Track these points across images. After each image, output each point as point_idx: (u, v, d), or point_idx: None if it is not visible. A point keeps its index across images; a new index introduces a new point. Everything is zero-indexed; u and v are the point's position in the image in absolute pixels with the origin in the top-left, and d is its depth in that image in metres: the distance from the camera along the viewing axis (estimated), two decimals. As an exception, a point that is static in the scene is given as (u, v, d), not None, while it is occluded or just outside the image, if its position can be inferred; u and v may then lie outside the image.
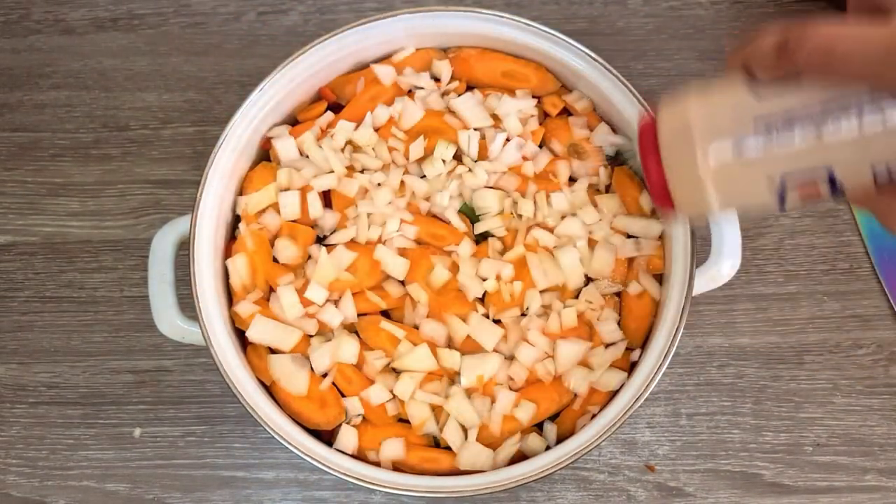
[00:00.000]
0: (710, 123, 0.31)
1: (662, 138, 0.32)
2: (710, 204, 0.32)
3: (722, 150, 0.30)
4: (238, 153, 0.56)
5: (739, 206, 0.34)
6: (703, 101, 0.31)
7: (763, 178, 0.30)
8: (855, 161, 0.29)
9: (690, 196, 0.32)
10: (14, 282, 0.67)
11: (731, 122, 0.30)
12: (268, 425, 0.50)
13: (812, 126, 0.28)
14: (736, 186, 0.31)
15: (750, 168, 0.30)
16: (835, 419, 0.61)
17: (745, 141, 0.30)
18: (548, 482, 0.60)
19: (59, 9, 0.74)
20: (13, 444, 0.63)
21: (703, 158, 0.30)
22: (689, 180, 0.31)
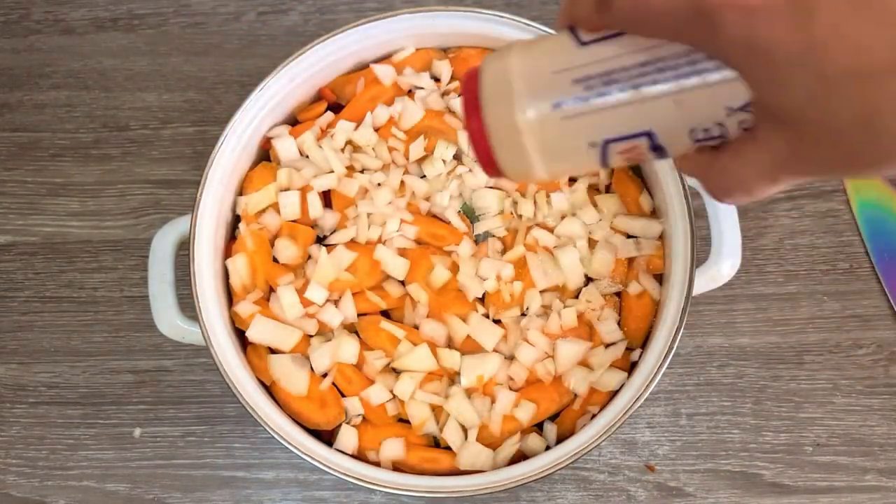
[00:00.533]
0: (531, 81, 0.29)
1: (483, 94, 0.30)
2: (532, 165, 0.30)
3: (541, 109, 0.28)
4: (238, 153, 0.56)
5: (564, 169, 0.32)
6: (527, 56, 0.29)
7: (584, 140, 0.29)
8: (673, 124, 0.27)
9: (512, 157, 0.30)
10: (14, 282, 0.67)
11: (553, 80, 0.28)
12: (268, 425, 0.50)
13: (631, 87, 0.27)
14: (557, 148, 0.29)
15: (570, 130, 0.28)
16: (835, 419, 0.61)
17: (564, 101, 0.28)
18: (548, 482, 0.60)
19: (59, 9, 0.74)
20: (13, 444, 0.63)
21: (522, 117, 0.28)
22: (510, 140, 0.29)
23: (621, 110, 0.27)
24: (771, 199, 0.66)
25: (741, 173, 0.26)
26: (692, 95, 0.27)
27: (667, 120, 0.27)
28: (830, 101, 0.21)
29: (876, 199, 0.66)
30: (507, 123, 0.29)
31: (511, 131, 0.29)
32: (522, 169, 0.30)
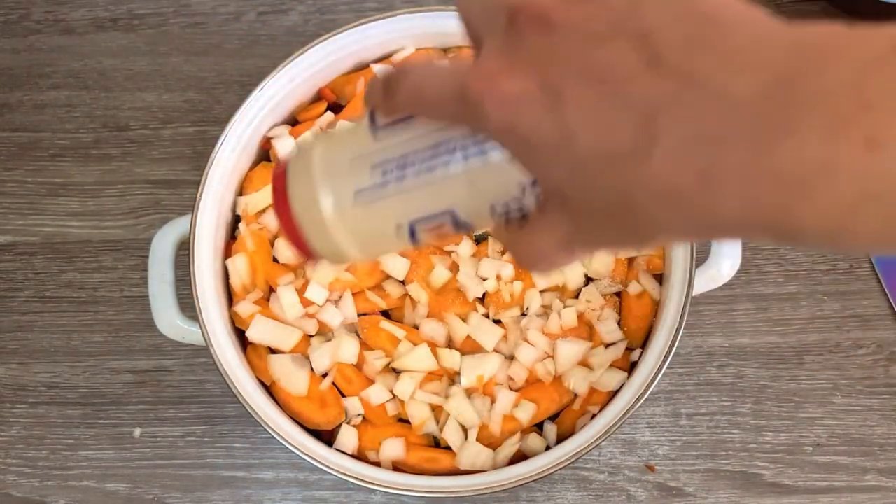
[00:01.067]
0: (331, 170, 0.29)
1: (289, 186, 0.30)
2: (345, 250, 0.30)
3: (342, 197, 0.29)
4: (238, 153, 0.56)
5: (377, 251, 0.32)
6: (328, 146, 0.30)
7: (389, 224, 0.29)
8: (472, 202, 0.28)
9: (324, 244, 0.30)
10: (14, 282, 0.67)
11: (351, 167, 0.29)
12: (268, 425, 0.50)
13: (425, 169, 0.27)
14: (364, 233, 0.30)
15: (374, 215, 0.29)
16: (835, 419, 0.61)
17: (363, 187, 0.28)
18: (548, 482, 0.60)
19: (59, 9, 0.74)
20: (13, 444, 0.63)
21: (325, 206, 0.29)
22: (318, 228, 0.29)
23: (419, 192, 0.28)
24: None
25: (539, 246, 0.26)
26: (483, 174, 0.27)
27: (464, 198, 0.28)
28: (589, 183, 0.22)
29: (876, 199, 0.66)
30: (313, 213, 0.29)
31: (317, 220, 0.29)
32: (336, 253, 0.31)
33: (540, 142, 0.22)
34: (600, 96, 0.21)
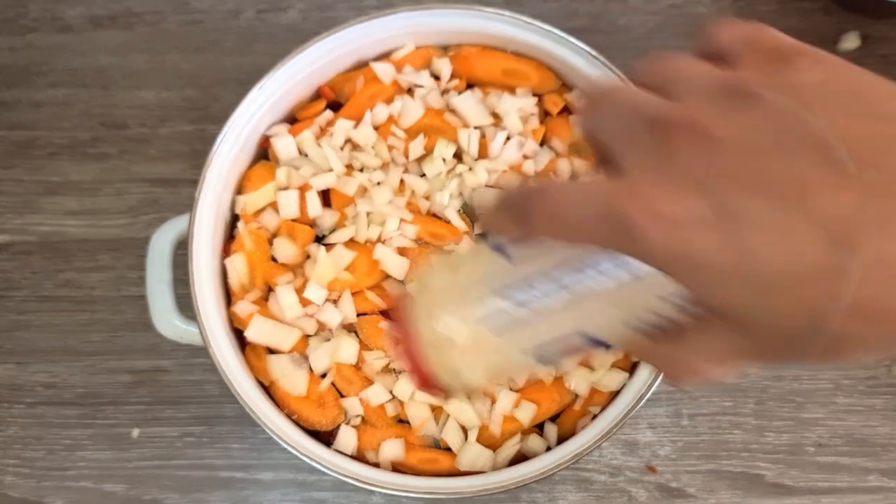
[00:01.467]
0: (457, 298, 0.28)
1: (412, 320, 0.29)
2: (473, 381, 0.29)
3: (471, 328, 0.28)
4: (236, 152, 0.56)
5: (504, 376, 0.31)
6: (449, 273, 0.29)
7: (519, 349, 0.28)
8: (606, 320, 0.27)
9: (453, 377, 0.29)
10: (11, 281, 0.66)
11: (476, 294, 0.27)
12: (266, 426, 0.50)
13: (555, 290, 0.26)
14: (493, 361, 0.28)
15: (503, 342, 0.28)
16: (837, 419, 0.61)
17: (490, 314, 0.27)
18: (548, 483, 0.60)
19: (55, 6, 0.73)
20: (10, 444, 0.63)
21: (455, 340, 0.28)
22: (446, 363, 0.28)
23: (550, 316, 0.27)
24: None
25: (695, 362, 0.25)
26: (621, 292, 0.26)
27: (598, 317, 0.27)
28: (772, 304, 0.21)
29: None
30: (441, 348, 0.28)
31: (446, 356, 0.28)
32: (464, 385, 0.30)
33: (715, 265, 0.21)
34: (783, 213, 0.20)
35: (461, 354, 0.28)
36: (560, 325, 0.27)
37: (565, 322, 0.27)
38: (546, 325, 0.27)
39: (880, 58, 0.68)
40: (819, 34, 0.69)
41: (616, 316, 0.27)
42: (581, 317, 0.27)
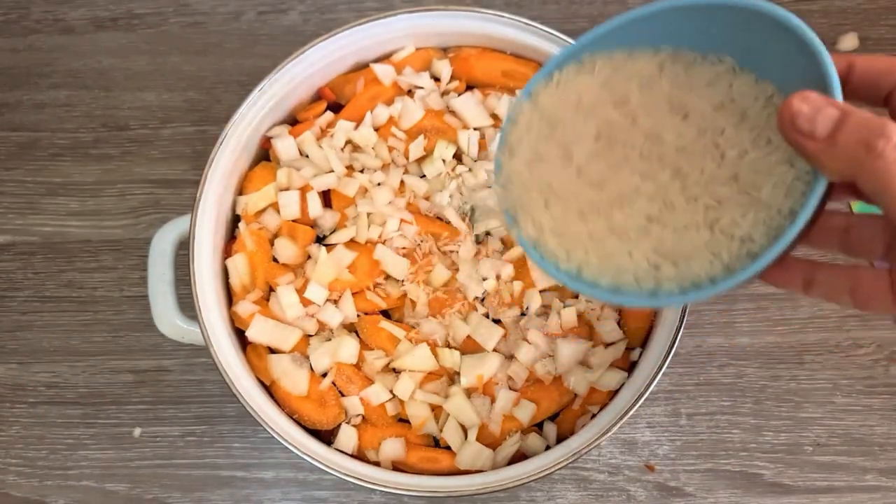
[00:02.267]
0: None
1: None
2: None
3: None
4: (238, 153, 0.56)
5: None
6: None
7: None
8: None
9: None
10: (13, 281, 0.67)
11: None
12: (267, 425, 0.50)
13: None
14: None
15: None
16: (835, 419, 0.61)
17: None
18: (548, 482, 0.60)
19: (58, 8, 0.73)
20: (13, 443, 0.63)
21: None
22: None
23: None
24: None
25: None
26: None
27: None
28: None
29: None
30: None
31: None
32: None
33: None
34: None
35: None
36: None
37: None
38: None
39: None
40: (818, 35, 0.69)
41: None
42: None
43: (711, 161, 0.31)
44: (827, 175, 0.28)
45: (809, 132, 0.28)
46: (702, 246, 0.31)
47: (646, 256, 0.32)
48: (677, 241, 0.31)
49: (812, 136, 0.27)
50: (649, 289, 0.32)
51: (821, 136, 0.27)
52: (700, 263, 0.31)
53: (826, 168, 0.28)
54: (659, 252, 0.32)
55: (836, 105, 0.28)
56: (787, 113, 0.28)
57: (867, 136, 0.26)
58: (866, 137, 0.26)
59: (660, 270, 0.32)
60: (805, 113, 0.28)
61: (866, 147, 0.26)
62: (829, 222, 0.35)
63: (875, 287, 0.31)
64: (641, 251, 0.32)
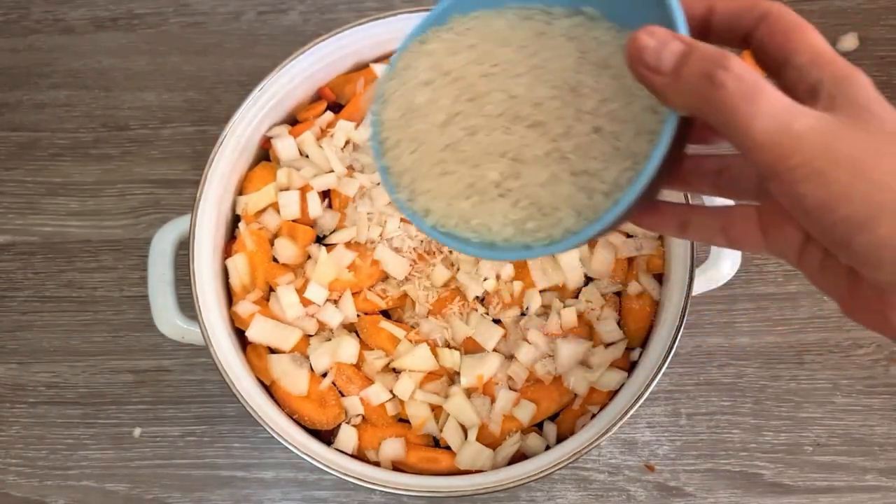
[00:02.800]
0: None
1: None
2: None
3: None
4: (238, 153, 0.56)
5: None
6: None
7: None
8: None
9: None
10: (13, 281, 0.67)
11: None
12: (267, 425, 0.50)
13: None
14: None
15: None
16: (835, 419, 0.61)
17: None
18: (548, 482, 0.60)
19: (58, 8, 0.74)
20: (13, 443, 0.63)
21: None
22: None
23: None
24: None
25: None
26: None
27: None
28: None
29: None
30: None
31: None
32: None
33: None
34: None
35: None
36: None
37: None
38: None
39: (878, 59, 0.69)
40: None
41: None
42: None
43: (573, 114, 0.31)
44: (677, 110, 0.28)
45: (655, 66, 0.27)
46: (567, 197, 0.31)
47: (513, 210, 0.32)
48: (543, 194, 0.31)
49: (658, 71, 0.27)
50: (521, 242, 0.32)
51: (666, 69, 0.27)
52: (567, 213, 0.31)
53: (674, 103, 0.28)
54: (526, 205, 0.32)
55: (680, 38, 0.27)
56: (633, 48, 0.28)
57: (709, 68, 0.26)
58: (708, 69, 0.26)
59: (528, 223, 0.32)
60: (651, 47, 0.27)
61: (708, 79, 0.26)
62: (703, 166, 0.35)
63: (745, 226, 0.31)
64: (508, 205, 0.32)
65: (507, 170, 0.32)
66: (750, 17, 0.30)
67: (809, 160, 0.25)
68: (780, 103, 0.25)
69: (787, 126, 0.25)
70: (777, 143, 0.25)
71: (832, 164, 0.25)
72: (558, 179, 0.31)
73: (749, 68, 0.26)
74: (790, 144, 0.25)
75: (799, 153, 0.25)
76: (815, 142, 0.25)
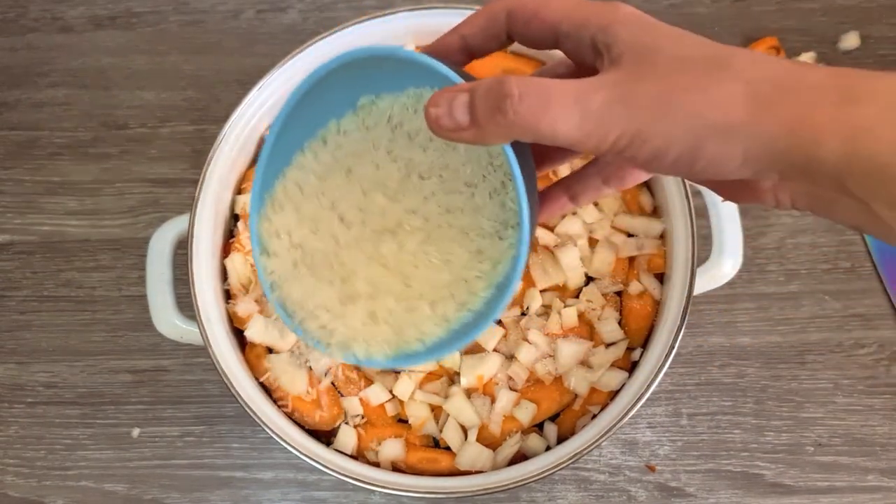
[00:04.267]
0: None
1: None
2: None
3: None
4: (237, 152, 0.56)
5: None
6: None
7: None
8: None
9: None
10: (12, 281, 0.67)
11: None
12: (266, 425, 0.50)
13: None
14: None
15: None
16: (836, 419, 0.61)
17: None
18: (548, 482, 0.60)
19: (56, 7, 0.73)
20: (11, 443, 0.63)
21: None
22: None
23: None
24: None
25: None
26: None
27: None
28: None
29: (877, 198, 0.66)
30: None
31: None
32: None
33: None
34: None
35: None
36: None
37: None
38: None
39: (880, 57, 0.68)
40: (819, 34, 0.69)
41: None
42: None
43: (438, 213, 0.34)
44: (501, 144, 0.29)
45: (456, 126, 0.28)
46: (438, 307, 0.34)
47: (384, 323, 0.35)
48: (405, 311, 0.34)
49: (460, 128, 0.28)
50: (396, 352, 0.34)
51: (465, 123, 0.28)
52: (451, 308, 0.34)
53: (494, 142, 0.28)
54: (393, 320, 0.34)
55: (460, 89, 0.28)
56: (430, 121, 0.29)
57: (494, 104, 0.27)
58: (494, 105, 0.27)
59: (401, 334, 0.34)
60: (442, 113, 0.28)
61: (500, 113, 0.27)
62: (586, 175, 0.36)
63: (621, 168, 0.34)
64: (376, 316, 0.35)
65: (382, 285, 0.35)
66: (499, 22, 0.31)
67: (623, 129, 0.26)
68: (569, 97, 0.26)
69: (585, 113, 0.26)
70: (588, 133, 0.26)
71: (640, 123, 0.26)
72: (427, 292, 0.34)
73: (528, 80, 0.27)
74: (599, 127, 0.26)
75: (610, 129, 0.26)
76: (616, 112, 0.26)
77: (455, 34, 0.33)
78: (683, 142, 0.26)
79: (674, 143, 0.26)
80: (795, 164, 0.25)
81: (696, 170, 0.27)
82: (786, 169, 0.25)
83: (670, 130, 0.26)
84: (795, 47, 0.69)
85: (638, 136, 0.26)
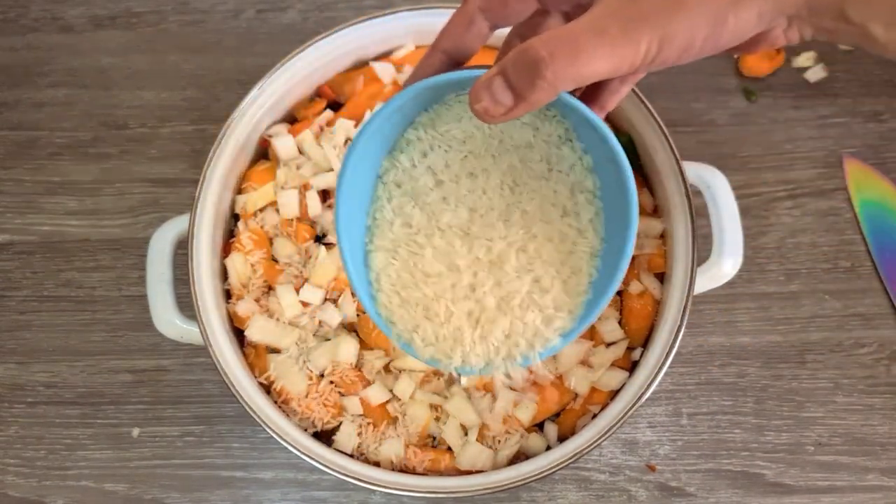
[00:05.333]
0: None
1: None
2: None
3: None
4: (237, 151, 0.56)
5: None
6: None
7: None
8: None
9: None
10: (12, 281, 0.67)
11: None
12: (266, 425, 0.50)
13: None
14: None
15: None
16: (837, 418, 0.61)
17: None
18: (548, 482, 0.60)
19: (57, 7, 0.73)
20: (11, 443, 0.63)
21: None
22: None
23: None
24: (772, 198, 0.66)
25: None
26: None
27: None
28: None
29: (877, 198, 0.66)
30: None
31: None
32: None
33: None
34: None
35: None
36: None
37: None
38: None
39: (881, 56, 0.68)
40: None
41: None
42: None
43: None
44: (555, 96, 0.30)
45: (506, 109, 0.31)
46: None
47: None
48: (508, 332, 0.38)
49: (510, 107, 0.30)
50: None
51: (510, 102, 0.30)
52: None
53: (545, 102, 0.30)
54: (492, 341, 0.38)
55: (490, 75, 0.31)
56: (480, 115, 0.31)
57: (529, 73, 0.29)
58: (530, 74, 0.29)
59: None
60: (489, 103, 0.31)
61: (539, 78, 0.29)
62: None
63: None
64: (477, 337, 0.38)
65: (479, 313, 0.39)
66: (476, 19, 0.35)
67: (650, 39, 0.28)
68: (591, 34, 0.29)
69: (612, 41, 0.28)
70: (623, 56, 0.29)
71: (662, 27, 0.28)
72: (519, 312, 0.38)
73: (548, 37, 0.29)
74: (628, 46, 0.28)
75: (640, 43, 0.28)
76: (637, 28, 0.28)
77: (436, 52, 0.35)
78: (706, 26, 0.28)
79: (697, 31, 0.29)
80: (801, 5, 0.28)
81: (721, 44, 0.29)
82: (793, 12, 0.29)
83: (691, 22, 0.28)
84: (795, 47, 0.69)
85: (665, 39, 0.28)
